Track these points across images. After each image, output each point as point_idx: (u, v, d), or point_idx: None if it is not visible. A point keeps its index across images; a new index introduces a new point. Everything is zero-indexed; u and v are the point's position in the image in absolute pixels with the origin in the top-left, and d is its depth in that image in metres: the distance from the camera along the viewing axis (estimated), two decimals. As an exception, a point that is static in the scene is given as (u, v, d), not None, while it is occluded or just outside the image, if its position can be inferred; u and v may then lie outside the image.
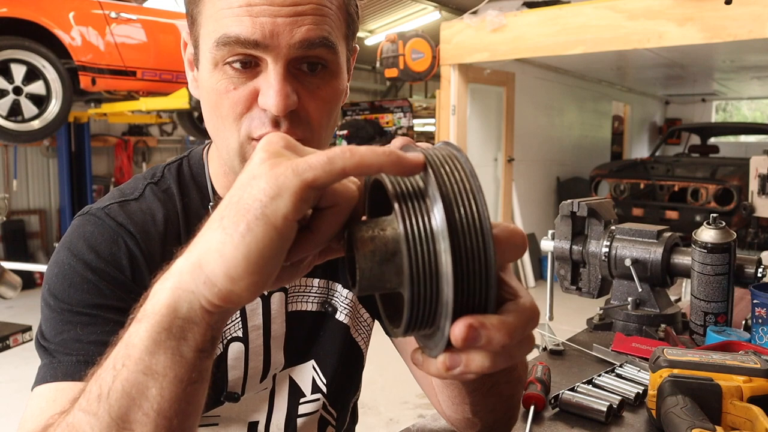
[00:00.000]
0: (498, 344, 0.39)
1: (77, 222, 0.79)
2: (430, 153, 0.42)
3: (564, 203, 1.37)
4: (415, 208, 0.40)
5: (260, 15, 0.67)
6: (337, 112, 0.78)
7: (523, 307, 0.42)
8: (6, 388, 3.82)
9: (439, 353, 0.41)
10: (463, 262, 0.38)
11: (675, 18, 4.27)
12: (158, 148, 7.99)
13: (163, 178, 0.85)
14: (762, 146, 9.04)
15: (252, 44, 0.68)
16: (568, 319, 2.13)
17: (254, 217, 0.39)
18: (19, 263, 4.82)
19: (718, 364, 0.86)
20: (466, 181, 0.40)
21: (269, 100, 0.68)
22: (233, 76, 0.70)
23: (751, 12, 3.94)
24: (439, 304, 0.40)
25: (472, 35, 5.33)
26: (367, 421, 3.29)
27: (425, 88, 9.92)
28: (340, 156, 0.40)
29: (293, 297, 0.89)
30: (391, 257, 0.41)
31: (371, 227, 0.43)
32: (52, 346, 0.72)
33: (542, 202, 7.28)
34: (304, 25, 0.68)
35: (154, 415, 0.44)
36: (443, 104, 5.68)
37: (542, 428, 0.91)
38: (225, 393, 0.84)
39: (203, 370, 0.46)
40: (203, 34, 0.72)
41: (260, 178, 0.40)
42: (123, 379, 0.44)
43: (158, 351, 0.44)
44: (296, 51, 0.69)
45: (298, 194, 0.39)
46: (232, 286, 0.41)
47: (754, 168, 4.64)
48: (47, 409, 0.65)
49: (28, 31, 4.38)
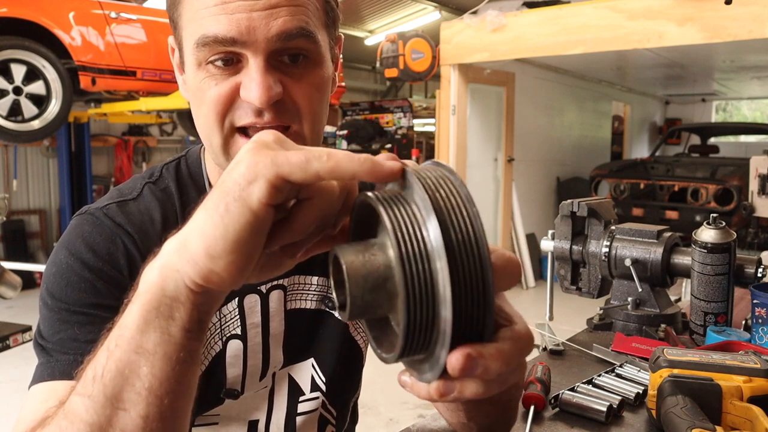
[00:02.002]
0: (494, 373, 0.39)
1: (75, 222, 0.80)
2: (420, 174, 0.40)
3: (564, 203, 1.37)
4: (410, 231, 0.38)
5: (236, 11, 0.68)
6: (326, 100, 0.79)
7: (519, 335, 0.42)
8: (6, 388, 3.82)
9: (434, 379, 0.40)
10: (460, 286, 0.37)
11: (675, 18, 4.27)
12: (158, 148, 7.99)
13: (161, 177, 0.85)
14: (762, 146, 9.04)
15: (230, 41, 0.69)
16: (568, 319, 2.13)
17: (233, 198, 0.41)
18: (19, 263, 4.81)
19: (718, 364, 0.86)
20: (462, 205, 0.38)
21: (251, 93, 0.69)
22: (216, 74, 0.71)
23: (751, 12, 3.94)
24: (435, 331, 0.38)
25: (472, 35, 5.33)
26: (367, 421, 3.28)
27: (425, 88, 9.92)
28: (317, 158, 0.41)
29: (292, 295, 0.89)
30: (382, 283, 0.40)
31: (360, 251, 0.41)
32: (49, 345, 0.72)
33: (542, 202, 7.28)
34: (280, 17, 0.69)
35: (145, 393, 0.46)
36: (443, 104, 5.68)
37: (542, 428, 0.91)
38: (225, 390, 0.84)
39: (192, 351, 0.47)
40: (185, 37, 0.74)
41: (241, 163, 0.42)
42: (116, 359, 0.46)
43: (148, 329, 0.45)
44: (274, 44, 0.69)
45: (271, 182, 0.41)
46: (212, 264, 0.42)
47: (754, 168, 4.65)
48: (41, 408, 0.65)
49: (28, 31, 4.38)
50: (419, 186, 0.39)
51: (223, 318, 0.84)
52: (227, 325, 0.84)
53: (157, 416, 0.46)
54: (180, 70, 0.80)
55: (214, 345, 0.84)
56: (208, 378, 0.83)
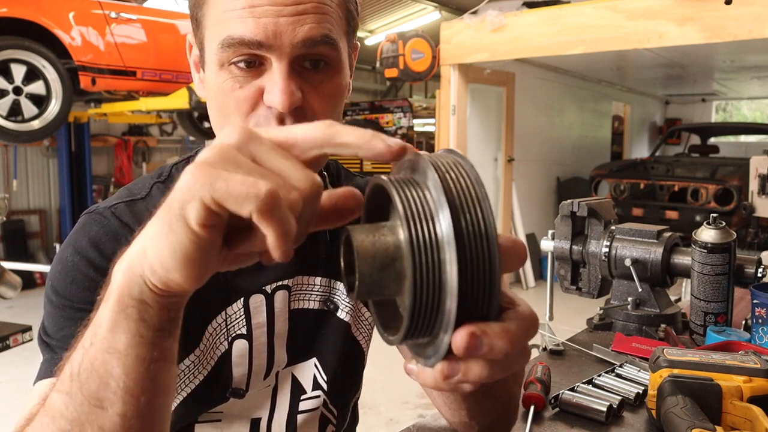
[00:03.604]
0: (499, 352, 0.39)
1: (83, 220, 0.80)
2: (434, 160, 0.40)
3: (564, 203, 1.37)
4: (420, 213, 0.38)
5: (263, 15, 0.68)
6: (341, 107, 0.80)
7: (523, 315, 0.42)
8: (6, 388, 3.82)
9: (437, 362, 0.40)
10: (468, 271, 0.37)
11: (675, 18, 4.27)
12: (158, 148, 7.99)
13: (170, 177, 0.86)
14: (762, 146, 9.03)
15: (256, 45, 0.69)
16: (568, 319, 2.12)
17: (174, 217, 0.40)
18: (19, 263, 4.81)
19: (718, 364, 0.86)
20: (472, 189, 0.39)
21: (274, 98, 0.70)
22: (238, 75, 0.72)
23: (751, 12, 3.94)
24: (441, 313, 0.39)
25: (472, 35, 5.33)
26: (367, 421, 3.28)
27: (425, 88, 9.92)
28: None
29: (296, 295, 0.89)
30: (391, 262, 0.40)
31: (371, 231, 0.41)
32: (53, 342, 0.73)
33: (542, 202, 7.28)
34: (306, 23, 0.69)
35: (121, 393, 0.46)
36: (443, 104, 5.68)
37: (542, 428, 0.91)
38: (231, 389, 0.85)
39: (165, 350, 0.47)
40: (208, 36, 0.74)
41: (181, 180, 0.40)
42: (91, 358, 0.46)
43: (118, 330, 0.45)
44: (299, 49, 0.70)
45: (206, 205, 0.38)
46: (169, 275, 0.42)
47: (754, 168, 4.65)
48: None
49: (28, 31, 4.38)
50: (431, 170, 0.39)
51: (229, 318, 0.84)
52: (233, 325, 0.85)
53: (135, 414, 0.46)
54: (198, 68, 0.81)
55: (220, 345, 0.84)
56: (215, 377, 0.84)
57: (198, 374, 0.83)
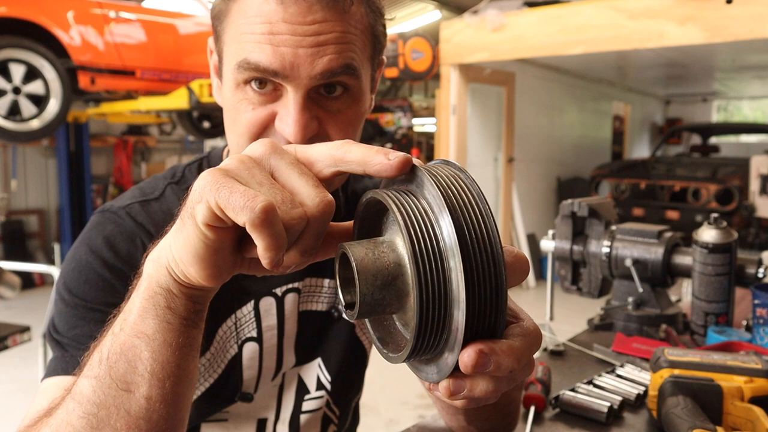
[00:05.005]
0: (506, 370, 0.38)
1: (97, 219, 0.80)
2: (432, 171, 0.39)
3: (564, 203, 1.37)
4: (421, 223, 0.37)
5: (281, 45, 0.67)
6: (359, 130, 0.78)
7: (528, 331, 0.41)
8: (5, 389, 3.82)
9: (443, 378, 0.39)
10: (474, 282, 0.36)
11: (676, 17, 4.26)
12: (157, 148, 7.98)
13: (184, 177, 0.85)
14: (763, 146, 9.04)
15: (271, 73, 0.68)
16: (569, 319, 2.12)
17: (186, 215, 0.43)
18: (18, 263, 4.80)
19: (719, 364, 0.85)
20: (474, 201, 0.37)
21: (287, 129, 0.69)
22: (253, 98, 0.71)
23: (752, 12, 3.93)
24: (447, 331, 0.37)
25: (472, 35, 5.32)
26: (367, 422, 3.28)
27: (425, 87, 9.91)
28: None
29: (306, 297, 0.89)
30: (393, 281, 0.39)
31: (370, 248, 0.40)
32: (65, 340, 0.73)
33: (542, 202, 7.28)
34: (326, 55, 0.68)
35: (147, 375, 0.48)
36: (443, 104, 5.68)
37: (542, 428, 0.90)
38: (239, 393, 0.85)
39: (191, 337, 0.49)
40: (226, 52, 0.73)
41: (197, 182, 0.42)
42: (120, 342, 0.48)
43: (147, 316, 0.48)
44: (317, 81, 0.69)
45: (210, 207, 0.41)
46: (185, 269, 0.45)
47: (755, 168, 4.65)
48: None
49: (27, 31, 4.38)
50: (430, 183, 0.38)
51: (239, 321, 0.84)
52: (243, 329, 0.85)
53: (159, 398, 0.48)
54: (217, 73, 0.80)
55: (230, 348, 0.84)
56: (225, 380, 0.84)
57: (209, 377, 0.83)
